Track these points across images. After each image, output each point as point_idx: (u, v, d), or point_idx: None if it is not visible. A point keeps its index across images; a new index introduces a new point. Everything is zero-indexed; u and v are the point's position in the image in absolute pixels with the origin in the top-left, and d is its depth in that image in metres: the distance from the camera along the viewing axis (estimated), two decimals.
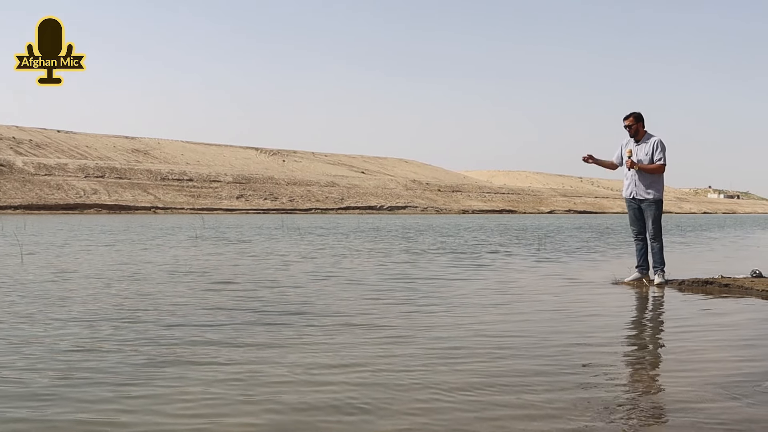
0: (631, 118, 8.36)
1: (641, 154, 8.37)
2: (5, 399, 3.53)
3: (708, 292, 7.82)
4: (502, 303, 6.93)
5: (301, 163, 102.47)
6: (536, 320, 5.96)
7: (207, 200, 69.41)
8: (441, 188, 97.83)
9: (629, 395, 3.77)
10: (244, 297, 7.10)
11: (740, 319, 6.17)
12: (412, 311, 6.32)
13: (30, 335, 5.04)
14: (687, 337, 5.29)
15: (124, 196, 64.35)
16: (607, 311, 6.58)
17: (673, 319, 6.26)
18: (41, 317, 5.77)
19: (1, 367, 4.13)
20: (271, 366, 4.20)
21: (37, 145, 77.89)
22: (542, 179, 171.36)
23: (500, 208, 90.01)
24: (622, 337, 5.46)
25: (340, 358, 4.44)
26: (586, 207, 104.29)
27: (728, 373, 4.12)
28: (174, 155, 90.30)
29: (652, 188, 8.42)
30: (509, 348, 4.76)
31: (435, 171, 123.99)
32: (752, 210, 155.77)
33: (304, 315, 6.02)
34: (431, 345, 4.84)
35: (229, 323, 5.59)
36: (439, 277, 9.31)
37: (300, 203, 75.20)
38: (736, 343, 5.06)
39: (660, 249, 8.49)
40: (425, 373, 4.08)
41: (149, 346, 4.71)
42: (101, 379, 3.90)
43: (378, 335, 5.17)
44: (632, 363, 4.57)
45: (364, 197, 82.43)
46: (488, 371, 4.13)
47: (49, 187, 61.18)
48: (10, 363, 4.22)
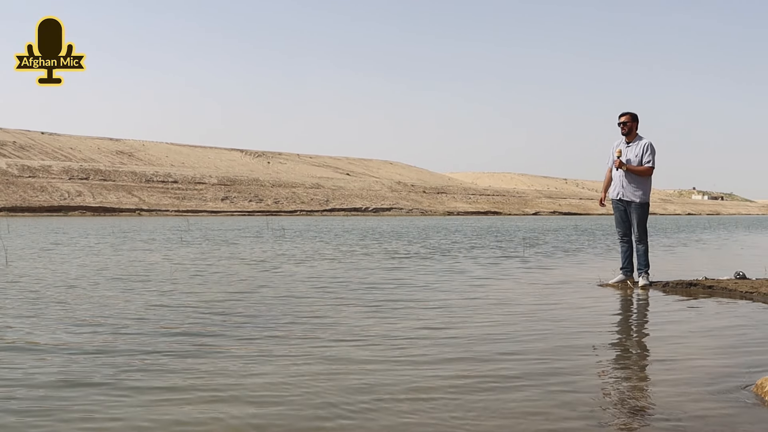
0: (628, 116, 8.38)
1: (630, 155, 8.39)
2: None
3: (692, 294, 7.85)
4: (485, 306, 6.93)
5: (285, 165, 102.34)
6: (519, 322, 5.95)
7: (192, 202, 69.15)
8: (426, 190, 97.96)
9: (612, 397, 3.77)
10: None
11: (724, 321, 6.19)
12: (386, 316, 6.30)
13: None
14: (671, 339, 5.31)
15: (108, 198, 64.02)
16: (591, 313, 6.58)
17: (657, 322, 6.28)
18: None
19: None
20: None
21: (21, 146, 77.40)
22: (527, 181, 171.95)
23: (485, 210, 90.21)
24: (606, 339, 5.46)
25: (323, 361, 4.42)
26: (570, 208, 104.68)
27: (712, 375, 4.13)
28: (159, 157, 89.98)
29: (640, 190, 8.44)
30: (492, 351, 4.75)
31: (420, 173, 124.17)
32: (736, 211, 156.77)
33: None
34: (411, 348, 4.83)
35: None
36: (420, 279, 9.30)
37: (285, 205, 75.06)
38: (719, 345, 5.08)
39: (645, 251, 8.51)
40: (407, 376, 4.07)
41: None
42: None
43: (361, 338, 5.17)
44: (616, 365, 4.58)
45: (349, 199, 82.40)
46: (471, 374, 4.12)
47: (33, 189, 60.77)
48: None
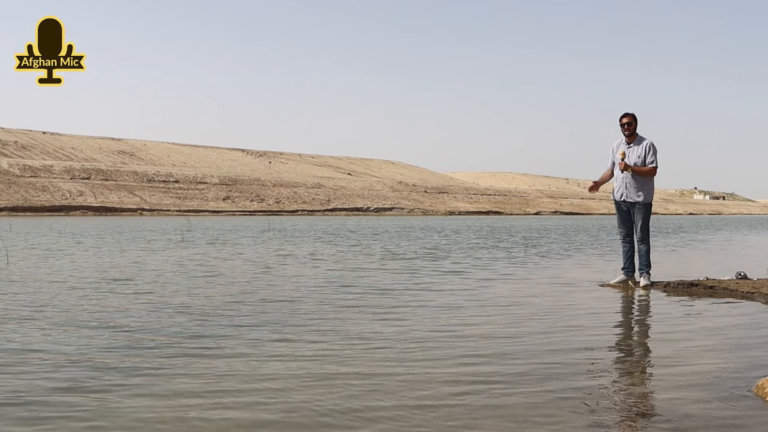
0: (630, 116, 8.37)
1: (633, 156, 8.38)
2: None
3: (693, 294, 7.86)
4: (488, 306, 6.94)
5: (287, 165, 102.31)
6: (521, 323, 5.96)
7: (193, 202, 69.17)
8: (427, 190, 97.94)
9: (614, 398, 3.78)
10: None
11: (725, 321, 6.20)
12: (395, 317, 6.32)
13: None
14: (672, 340, 5.32)
15: (110, 198, 64.05)
16: (592, 313, 6.59)
17: (658, 322, 6.29)
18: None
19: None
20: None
21: (22, 146, 77.42)
22: (528, 180, 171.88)
23: (487, 210, 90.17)
24: (608, 339, 5.48)
25: (330, 363, 4.44)
26: (572, 208, 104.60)
27: (714, 376, 4.15)
28: (160, 157, 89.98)
29: (643, 191, 8.44)
30: (494, 352, 4.77)
31: (421, 172, 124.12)
32: (738, 211, 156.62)
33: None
34: (416, 349, 4.85)
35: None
36: (423, 280, 9.31)
37: (286, 205, 75.06)
38: (721, 346, 5.09)
39: (647, 251, 8.52)
40: (411, 375, 4.09)
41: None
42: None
43: (364, 340, 5.19)
44: (617, 366, 4.59)
45: (350, 199, 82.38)
46: (474, 373, 4.14)
47: (35, 188, 60.81)
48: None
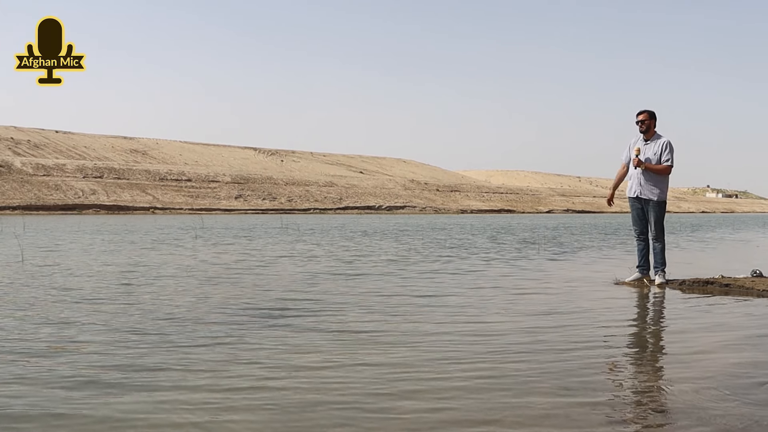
0: (645, 114, 8.34)
1: (649, 153, 8.35)
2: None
3: (708, 292, 7.81)
4: (502, 303, 6.91)
5: (299, 163, 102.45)
6: (536, 320, 5.93)
7: (205, 200, 69.36)
8: (439, 188, 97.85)
9: (631, 396, 3.76)
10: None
11: (741, 319, 6.16)
12: (409, 311, 6.30)
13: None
14: (688, 338, 5.28)
15: (122, 197, 64.30)
16: (607, 311, 6.55)
17: (673, 320, 6.25)
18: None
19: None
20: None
21: (35, 145, 77.84)
22: (540, 179, 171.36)
23: (499, 208, 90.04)
24: (623, 338, 5.45)
25: (346, 359, 4.43)
26: (584, 207, 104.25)
27: (730, 374, 4.11)
28: (172, 155, 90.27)
29: (657, 189, 8.41)
30: (509, 349, 4.74)
31: (433, 171, 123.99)
32: (751, 209, 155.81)
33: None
34: (430, 345, 4.84)
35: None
36: (437, 276, 9.29)
37: (298, 203, 75.16)
38: (737, 344, 5.06)
39: (662, 249, 8.49)
40: (426, 373, 4.08)
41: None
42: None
43: (374, 335, 5.17)
44: (633, 363, 4.56)
45: (362, 197, 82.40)
46: (488, 372, 4.12)
47: (48, 187, 61.12)
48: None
